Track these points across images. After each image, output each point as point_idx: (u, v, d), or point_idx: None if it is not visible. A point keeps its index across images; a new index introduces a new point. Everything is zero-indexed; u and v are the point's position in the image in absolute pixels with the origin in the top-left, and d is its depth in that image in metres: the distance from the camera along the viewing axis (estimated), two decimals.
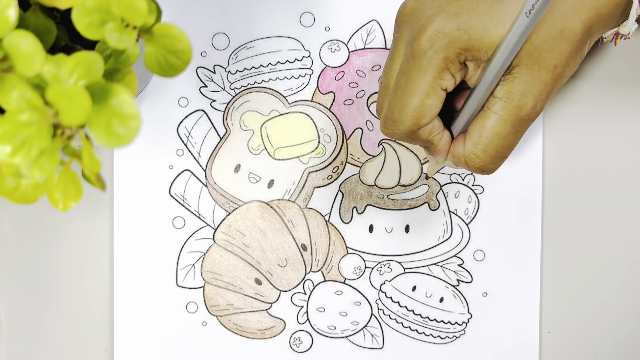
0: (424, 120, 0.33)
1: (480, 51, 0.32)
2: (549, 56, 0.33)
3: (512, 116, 0.33)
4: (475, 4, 0.33)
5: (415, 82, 0.33)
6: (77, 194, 0.27)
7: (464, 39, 0.32)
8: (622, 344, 0.44)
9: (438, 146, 0.35)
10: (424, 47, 0.32)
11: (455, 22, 0.32)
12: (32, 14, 0.28)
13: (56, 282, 0.43)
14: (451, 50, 0.32)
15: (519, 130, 0.34)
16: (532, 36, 0.32)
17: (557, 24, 0.32)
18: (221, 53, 0.43)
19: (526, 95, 0.33)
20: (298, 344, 0.44)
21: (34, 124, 0.23)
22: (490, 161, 0.34)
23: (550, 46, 0.32)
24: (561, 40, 0.33)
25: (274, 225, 0.43)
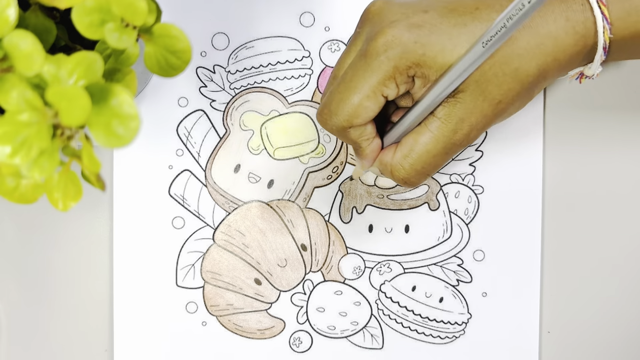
0: (357, 121, 0.33)
1: (430, 69, 0.32)
2: (496, 90, 0.33)
3: (445, 138, 0.34)
4: (438, 21, 0.33)
5: (359, 80, 0.33)
6: (77, 194, 0.27)
7: (419, 53, 0.32)
8: (622, 344, 0.44)
9: (365, 151, 0.35)
10: (377, 49, 0.33)
11: (415, 34, 0.32)
12: (32, 14, 0.28)
13: (56, 282, 0.43)
14: (403, 61, 0.32)
15: (448, 153, 0.34)
16: (485, 67, 0.32)
17: (513, 61, 0.33)
18: (221, 53, 0.43)
19: (464, 121, 0.33)
20: (298, 344, 0.44)
21: (33, 125, 0.23)
22: (414, 175, 0.35)
23: (500, 81, 0.33)
24: (512, 78, 0.33)
25: (273, 225, 0.43)
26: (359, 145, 0.35)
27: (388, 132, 0.36)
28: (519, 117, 0.43)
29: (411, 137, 0.34)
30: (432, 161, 0.34)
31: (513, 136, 0.43)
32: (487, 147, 0.43)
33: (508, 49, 0.32)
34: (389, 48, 0.32)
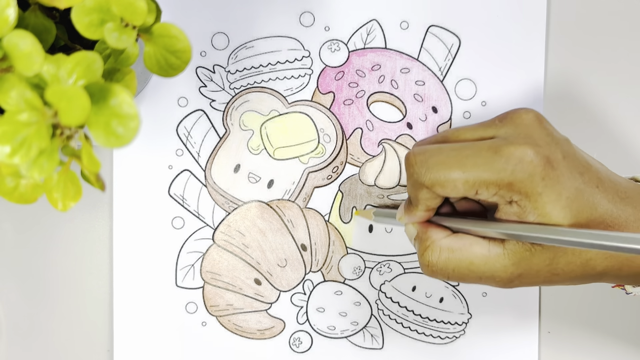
0: (439, 191, 0.33)
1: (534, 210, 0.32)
2: (563, 266, 0.33)
3: (493, 269, 0.33)
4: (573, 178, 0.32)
5: (473, 165, 0.32)
6: (77, 194, 0.27)
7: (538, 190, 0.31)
8: (621, 344, 0.44)
9: (418, 213, 0.35)
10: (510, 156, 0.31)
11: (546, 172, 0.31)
12: (32, 14, 0.28)
13: (56, 282, 0.43)
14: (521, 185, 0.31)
15: (481, 278, 0.33)
16: (568, 250, 0.32)
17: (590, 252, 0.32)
18: (221, 53, 0.43)
19: (519, 269, 0.33)
20: (298, 344, 0.44)
21: (33, 124, 0.23)
22: (441, 269, 0.34)
23: (569, 261, 0.32)
24: (580, 266, 0.33)
25: (273, 225, 0.43)
26: (417, 206, 0.35)
27: (451, 215, 0.35)
28: None
29: (469, 240, 0.33)
30: (464, 274, 0.33)
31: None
32: None
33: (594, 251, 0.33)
34: (520, 164, 0.31)
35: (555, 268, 0.33)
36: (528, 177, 0.31)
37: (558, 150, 0.32)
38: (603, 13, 0.44)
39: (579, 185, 0.32)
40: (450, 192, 0.33)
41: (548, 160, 0.32)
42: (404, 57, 0.43)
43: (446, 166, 0.32)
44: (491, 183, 0.32)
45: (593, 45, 0.44)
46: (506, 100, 0.43)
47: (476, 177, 0.32)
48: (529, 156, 0.31)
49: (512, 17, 0.43)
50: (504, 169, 0.31)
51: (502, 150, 0.32)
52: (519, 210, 0.32)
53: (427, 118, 0.43)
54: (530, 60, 0.43)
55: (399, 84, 0.43)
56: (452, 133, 0.35)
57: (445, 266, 0.34)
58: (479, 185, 0.32)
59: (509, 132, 0.33)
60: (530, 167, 0.31)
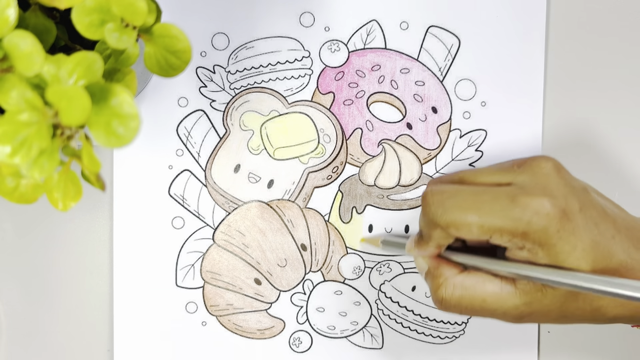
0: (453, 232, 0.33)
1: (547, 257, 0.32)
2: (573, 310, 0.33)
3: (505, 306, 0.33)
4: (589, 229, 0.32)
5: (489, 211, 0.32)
6: (77, 194, 0.27)
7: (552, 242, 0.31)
8: (621, 344, 0.44)
9: (429, 249, 0.35)
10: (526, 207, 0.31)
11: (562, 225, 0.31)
12: (32, 14, 0.28)
13: (56, 282, 0.43)
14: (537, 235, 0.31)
15: (493, 314, 0.34)
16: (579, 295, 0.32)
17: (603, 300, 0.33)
18: (221, 53, 0.43)
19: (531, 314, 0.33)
20: (298, 344, 0.44)
21: (33, 124, 0.23)
22: (454, 305, 0.34)
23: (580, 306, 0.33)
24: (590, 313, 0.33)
25: (273, 225, 0.43)
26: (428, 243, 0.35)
27: (461, 250, 0.35)
28: (518, 117, 0.43)
29: (481, 278, 0.34)
30: (477, 310, 0.34)
31: (513, 136, 0.43)
32: (487, 147, 0.43)
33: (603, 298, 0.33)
34: (536, 216, 0.31)
35: (565, 311, 0.33)
36: (543, 229, 0.31)
37: (575, 201, 0.32)
38: (603, 13, 0.44)
39: (595, 237, 0.32)
40: (465, 235, 0.33)
41: (564, 212, 0.32)
42: (404, 57, 0.43)
43: (463, 209, 0.32)
44: (506, 231, 0.32)
45: (593, 45, 0.44)
46: (506, 101, 0.43)
47: (491, 224, 0.32)
48: (545, 208, 0.31)
49: (512, 17, 0.43)
50: (520, 218, 0.31)
51: (519, 199, 0.32)
52: (530, 255, 0.32)
53: (426, 118, 0.43)
54: (530, 60, 0.43)
55: (399, 84, 0.43)
56: (469, 175, 0.35)
57: (459, 303, 0.34)
58: (494, 232, 0.32)
59: (526, 181, 0.33)
60: (545, 220, 0.31)
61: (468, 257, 0.35)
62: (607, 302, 0.33)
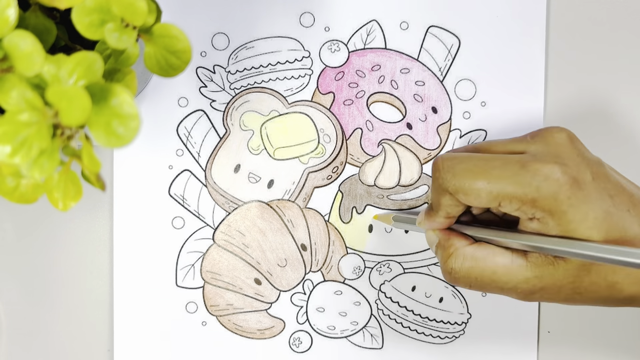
0: (462, 198, 0.33)
1: (557, 227, 0.31)
2: (587, 286, 0.32)
3: (515, 280, 0.33)
4: (601, 198, 0.32)
5: (499, 177, 0.32)
6: (77, 194, 0.27)
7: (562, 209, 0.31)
8: (621, 344, 0.44)
9: (438, 218, 0.35)
10: (537, 173, 0.31)
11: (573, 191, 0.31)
12: (32, 14, 0.28)
13: (56, 282, 0.43)
14: (547, 202, 0.31)
15: (503, 289, 0.33)
16: (593, 269, 0.32)
17: (618, 274, 0.32)
18: (221, 53, 0.43)
19: (541, 281, 0.32)
20: (298, 344, 0.44)
21: (33, 124, 0.23)
22: (463, 277, 0.34)
23: (595, 280, 0.32)
24: (606, 288, 0.32)
25: (273, 225, 0.43)
26: (437, 210, 0.34)
27: (472, 224, 0.35)
28: (518, 117, 0.43)
29: (492, 250, 0.33)
30: (486, 282, 0.33)
31: (513, 136, 0.43)
32: None
33: (625, 270, 0.32)
34: (546, 181, 0.31)
35: (578, 286, 0.32)
36: (552, 194, 0.31)
37: (587, 171, 0.32)
38: (603, 12, 0.44)
39: (609, 207, 0.31)
40: (473, 201, 0.32)
41: (575, 180, 0.31)
42: (404, 57, 0.43)
43: (472, 174, 0.32)
44: (515, 197, 0.32)
45: (594, 45, 0.44)
46: (506, 101, 0.43)
47: (500, 189, 0.32)
48: (555, 174, 0.31)
49: (512, 17, 0.43)
50: (529, 184, 0.31)
51: (529, 165, 0.32)
52: (541, 226, 0.32)
53: (426, 118, 0.43)
54: (530, 61, 0.43)
55: (399, 84, 0.43)
56: (483, 145, 0.35)
57: (468, 274, 0.34)
58: (502, 198, 0.32)
59: (539, 149, 0.33)
60: (555, 186, 0.31)
61: (479, 229, 0.34)
62: (623, 277, 0.32)
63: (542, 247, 0.32)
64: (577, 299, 0.33)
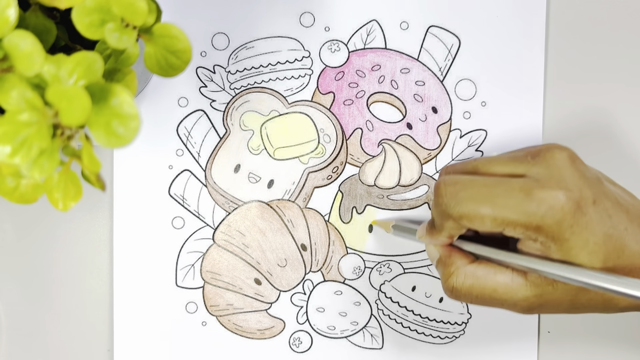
0: (465, 224, 0.33)
1: (559, 252, 0.32)
2: (584, 302, 0.33)
3: (514, 297, 0.33)
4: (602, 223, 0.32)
5: (503, 205, 0.32)
6: (77, 194, 0.27)
7: (565, 237, 0.32)
8: (621, 344, 0.44)
9: (440, 238, 0.35)
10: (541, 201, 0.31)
11: (575, 219, 0.31)
12: (32, 14, 0.28)
13: (56, 282, 0.43)
14: (552, 229, 0.32)
15: (502, 305, 0.34)
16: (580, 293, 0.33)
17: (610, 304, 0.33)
18: (221, 53, 0.43)
19: (542, 305, 0.33)
20: (298, 344, 0.44)
21: (33, 124, 0.23)
22: (464, 294, 0.34)
23: (592, 298, 0.33)
24: (602, 304, 0.33)
25: (273, 225, 0.43)
26: (440, 232, 0.35)
27: (473, 239, 0.35)
28: (519, 117, 0.43)
29: (493, 269, 0.34)
30: (487, 300, 0.34)
31: (513, 137, 0.43)
32: (487, 147, 0.43)
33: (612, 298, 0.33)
34: (551, 210, 0.31)
35: (576, 303, 0.33)
36: (556, 223, 0.31)
37: (590, 193, 0.32)
38: (603, 12, 0.44)
39: (608, 229, 0.32)
40: (478, 227, 0.33)
41: (578, 206, 0.32)
42: (404, 57, 0.43)
43: (476, 202, 0.32)
44: (520, 224, 0.32)
45: (594, 46, 0.44)
46: (506, 100, 0.43)
47: (505, 217, 0.32)
48: (560, 202, 0.31)
49: (512, 17, 0.43)
50: (535, 213, 0.32)
51: (533, 193, 0.32)
52: (543, 249, 0.32)
53: (427, 118, 0.43)
54: (530, 61, 0.43)
55: (399, 84, 0.43)
56: (483, 164, 0.35)
57: (469, 292, 0.34)
58: (507, 225, 0.32)
59: (540, 173, 0.33)
60: (560, 214, 0.31)
61: (480, 247, 0.35)
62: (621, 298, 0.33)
63: (543, 271, 0.32)
64: (574, 312, 0.34)
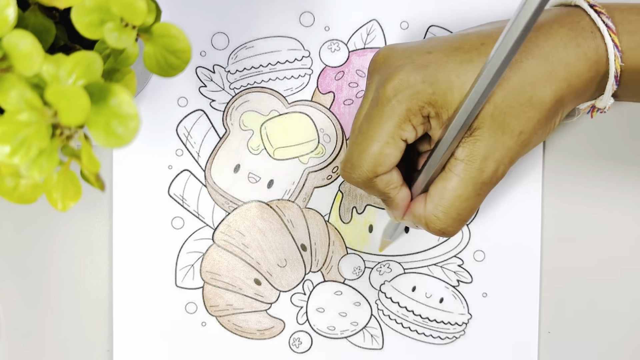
0: (381, 169, 0.33)
1: (442, 108, 0.32)
2: (515, 122, 0.32)
3: (473, 179, 0.33)
4: (444, 60, 0.33)
5: (376, 128, 0.33)
6: (76, 194, 0.27)
7: (428, 92, 0.32)
8: (621, 344, 0.44)
9: (395, 200, 0.35)
10: (388, 95, 0.32)
11: (421, 74, 0.32)
12: (31, 14, 0.28)
13: (56, 282, 0.43)
14: (414, 101, 0.32)
15: (480, 194, 0.34)
16: (498, 100, 0.32)
17: (527, 90, 0.32)
18: (221, 53, 0.43)
19: (488, 158, 0.33)
20: (297, 344, 0.44)
21: (32, 124, 0.23)
22: (451, 224, 0.34)
23: (517, 112, 0.32)
24: (529, 107, 0.32)
25: (273, 225, 0.43)
26: (388, 196, 0.35)
27: (414, 182, 0.35)
28: None
29: (439, 185, 0.34)
30: (465, 205, 0.33)
31: None
32: None
33: (518, 78, 0.32)
34: (398, 92, 0.32)
35: (511, 130, 0.32)
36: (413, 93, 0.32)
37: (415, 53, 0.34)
38: None
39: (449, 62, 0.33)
40: (388, 161, 0.33)
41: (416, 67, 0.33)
42: None
43: (365, 150, 0.33)
44: (401, 124, 0.32)
45: None
46: None
47: (388, 134, 0.33)
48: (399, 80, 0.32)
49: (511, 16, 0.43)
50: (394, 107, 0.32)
51: (380, 98, 0.33)
52: (437, 120, 0.33)
53: None
54: None
55: None
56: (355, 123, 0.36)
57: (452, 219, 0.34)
58: (397, 135, 0.33)
59: (377, 80, 0.34)
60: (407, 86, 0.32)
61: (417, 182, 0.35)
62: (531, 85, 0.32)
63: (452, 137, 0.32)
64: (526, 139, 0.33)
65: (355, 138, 0.34)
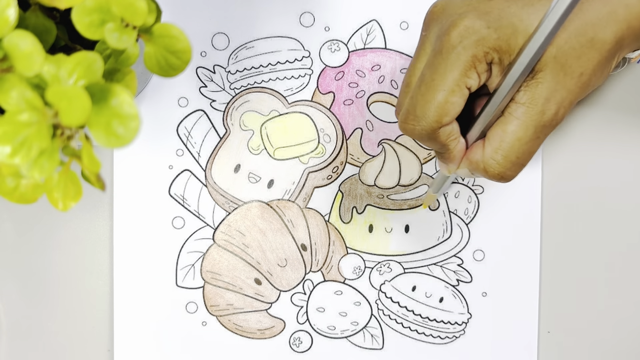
0: (447, 119, 0.33)
1: (505, 53, 0.32)
2: (576, 63, 0.32)
3: (534, 122, 0.33)
4: (506, 5, 0.32)
5: (441, 76, 0.32)
6: (77, 194, 0.27)
7: (493, 37, 0.32)
8: (621, 344, 0.44)
9: (453, 152, 0.34)
10: (453, 42, 0.32)
11: (485, 20, 0.32)
12: (32, 14, 0.28)
13: (56, 282, 0.43)
14: (480, 47, 0.32)
15: (539, 137, 0.33)
16: (561, 42, 0.32)
17: (588, 32, 0.32)
18: (221, 53, 0.43)
19: (549, 100, 0.32)
20: (298, 344, 0.44)
21: (33, 125, 0.23)
22: (510, 167, 0.34)
23: (578, 53, 0.32)
24: (590, 48, 0.32)
25: (273, 225, 0.43)
26: (447, 147, 0.34)
27: (470, 129, 0.35)
28: None
29: (499, 129, 0.33)
30: (525, 149, 0.33)
31: None
32: None
33: (580, 20, 0.32)
34: (463, 38, 0.32)
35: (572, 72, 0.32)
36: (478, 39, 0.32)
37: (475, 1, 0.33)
38: None
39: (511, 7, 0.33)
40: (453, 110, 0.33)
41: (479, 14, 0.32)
42: (404, 57, 0.43)
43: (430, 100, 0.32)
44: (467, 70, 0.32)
45: None
46: None
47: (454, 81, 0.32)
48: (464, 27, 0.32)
49: None
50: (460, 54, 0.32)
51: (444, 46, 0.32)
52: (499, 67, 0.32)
53: None
54: None
55: (399, 84, 0.43)
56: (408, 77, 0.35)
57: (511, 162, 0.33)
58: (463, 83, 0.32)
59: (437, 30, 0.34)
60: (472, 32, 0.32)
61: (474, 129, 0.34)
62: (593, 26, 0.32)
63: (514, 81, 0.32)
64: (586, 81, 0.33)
65: (417, 89, 0.33)
